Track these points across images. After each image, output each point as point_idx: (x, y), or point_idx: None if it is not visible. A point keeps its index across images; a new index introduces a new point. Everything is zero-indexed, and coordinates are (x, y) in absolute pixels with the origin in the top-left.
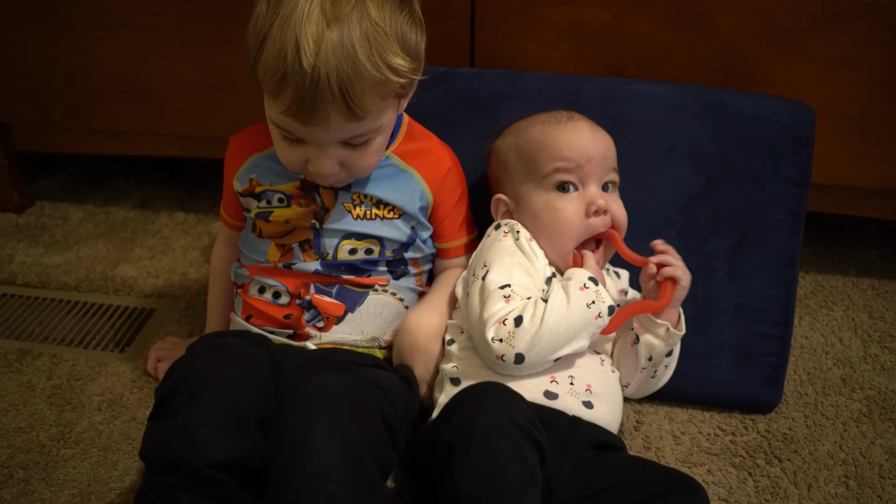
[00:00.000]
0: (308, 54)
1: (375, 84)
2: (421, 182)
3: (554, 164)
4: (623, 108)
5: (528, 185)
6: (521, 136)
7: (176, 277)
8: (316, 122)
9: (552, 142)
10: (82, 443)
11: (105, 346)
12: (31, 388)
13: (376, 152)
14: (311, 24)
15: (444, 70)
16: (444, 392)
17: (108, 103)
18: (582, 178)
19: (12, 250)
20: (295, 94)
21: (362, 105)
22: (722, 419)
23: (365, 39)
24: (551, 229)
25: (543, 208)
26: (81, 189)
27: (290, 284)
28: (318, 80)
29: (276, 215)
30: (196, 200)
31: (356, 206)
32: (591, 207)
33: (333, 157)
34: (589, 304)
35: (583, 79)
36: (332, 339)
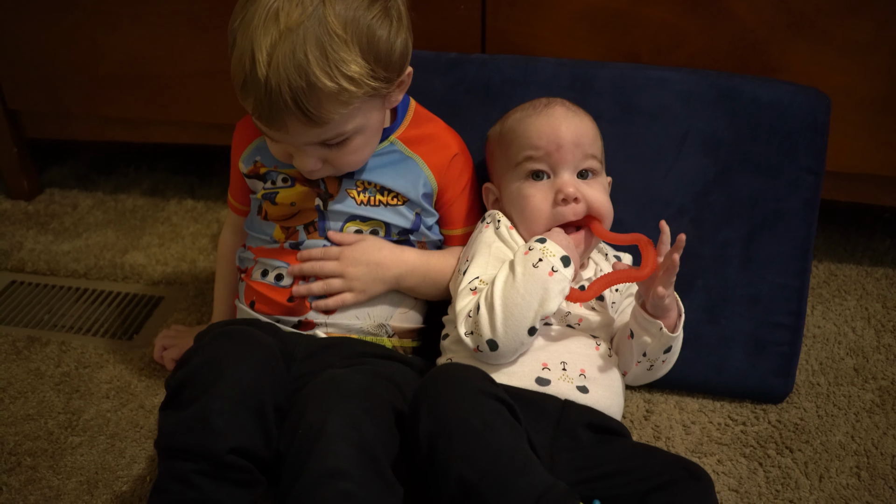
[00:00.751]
0: (261, 65)
1: (332, 94)
2: (425, 169)
3: (524, 152)
4: (637, 94)
5: (506, 174)
6: (504, 125)
7: (185, 265)
8: (277, 128)
9: (525, 130)
10: (90, 430)
11: (113, 334)
12: (40, 375)
13: (358, 150)
14: (266, 32)
15: (455, 56)
16: None
17: (119, 91)
18: (553, 165)
19: (21, 238)
20: (255, 102)
21: (321, 114)
22: (733, 409)
23: (319, 49)
24: (522, 216)
25: (516, 196)
26: (92, 176)
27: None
28: (271, 91)
29: (281, 196)
30: (206, 188)
31: (360, 193)
32: (559, 195)
33: (313, 156)
34: (535, 264)
35: (596, 65)
36: (338, 324)
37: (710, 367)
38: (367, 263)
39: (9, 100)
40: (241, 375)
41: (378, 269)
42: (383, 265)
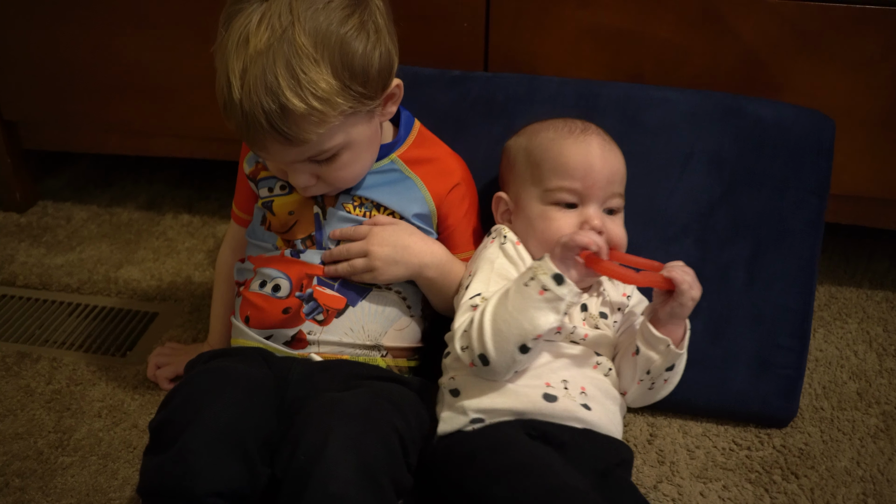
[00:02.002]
0: (235, 89)
1: (305, 115)
2: (423, 190)
3: (559, 181)
4: (641, 113)
5: (529, 191)
6: (532, 140)
7: (180, 280)
8: (258, 149)
9: (560, 155)
10: (81, 450)
11: (106, 351)
12: (30, 392)
13: (348, 166)
14: (238, 56)
15: (458, 73)
16: (446, 404)
17: (121, 102)
18: (583, 198)
19: (13, 250)
20: (235, 125)
21: (297, 134)
22: (737, 433)
23: (288, 71)
24: (541, 237)
25: (539, 217)
26: (89, 188)
27: (294, 276)
28: (247, 115)
29: (278, 204)
30: (204, 202)
31: (356, 208)
32: (585, 227)
33: (304, 172)
34: (526, 283)
35: (600, 84)
36: (331, 339)
37: (713, 389)
38: (394, 245)
39: (5, 110)
40: (220, 413)
41: (404, 253)
42: (411, 250)
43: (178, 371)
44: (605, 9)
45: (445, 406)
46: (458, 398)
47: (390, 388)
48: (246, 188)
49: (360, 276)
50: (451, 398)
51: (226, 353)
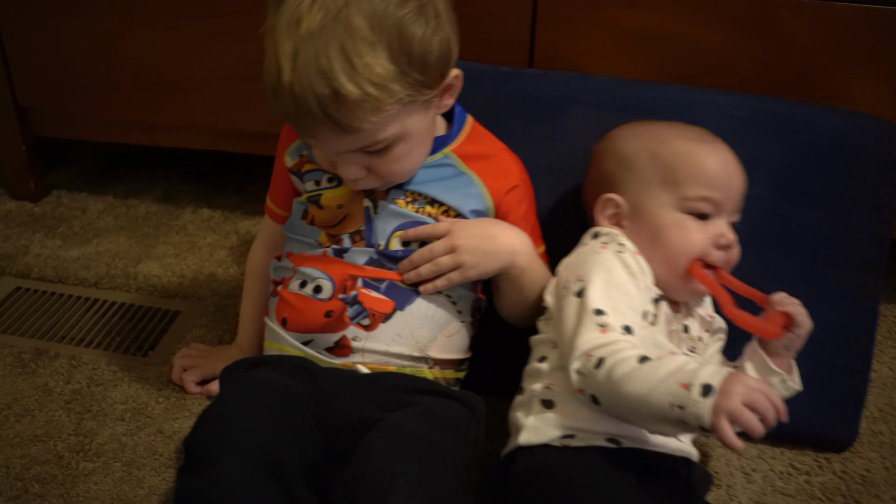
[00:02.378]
0: (285, 73)
1: (359, 102)
2: (481, 187)
3: (701, 190)
4: (695, 118)
5: (657, 197)
6: (659, 144)
7: (202, 278)
8: (307, 137)
9: (701, 163)
10: (104, 456)
11: (127, 349)
12: (48, 391)
13: (402, 159)
14: (289, 37)
15: (506, 70)
16: (534, 414)
17: (137, 92)
18: (718, 209)
19: (27, 241)
20: (284, 111)
21: (351, 123)
22: (794, 456)
23: (343, 54)
24: (672, 247)
25: (674, 225)
26: (101, 179)
27: (337, 276)
28: (297, 100)
29: (326, 198)
30: (221, 197)
31: (409, 203)
32: (721, 239)
33: (356, 163)
34: (672, 405)
35: (654, 86)
36: (377, 347)
37: None
38: (480, 235)
39: (20, 95)
40: (259, 434)
41: (493, 242)
42: (499, 239)
43: (204, 374)
44: (654, 10)
45: (533, 414)
46: (550, 409)
47: (444, 406)
48: (285, 183)
49: (447, 278)
50: (541, 407)
51: (265, 362)
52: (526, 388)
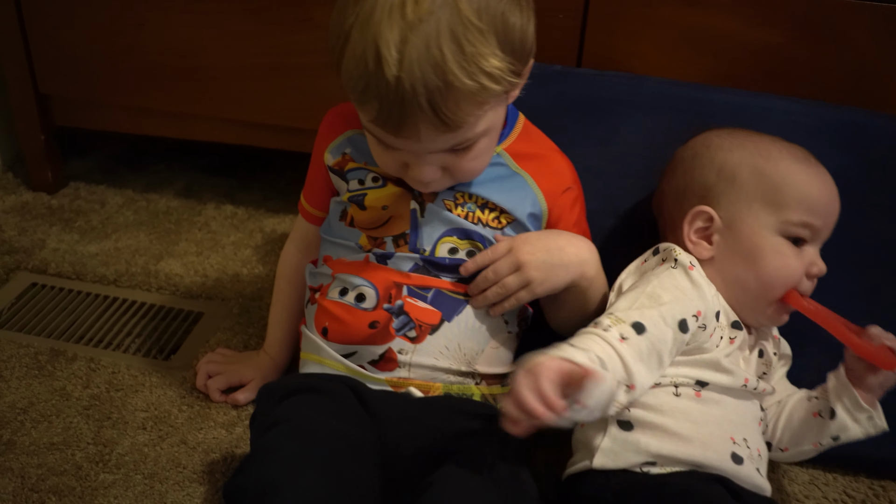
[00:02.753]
0: (390, 64)
1: (470, 94)
2: (535, 188)
3: (805, 216)
4: (756, 124)
5: (758, 216)
6: (766, 160)
7: (226, 278)
8: (406, 135)
9: (809, 187)
10: (124, 467)
11: (148, 352)
12: (66, 396)
13: (482, 155)
14: (393, 25)
15: (559, 69)
16: (610, 435)
17: (163, 80)
18: (815, 237)
19: (44, 234)
20: (381, 106)
21: (456, 117)
22: (847, 483)
23: (455, 43)
24: (769, 273)
25: (770, 250)
26: (121, 171)
27: (381, 284)
28: (404, 93)
29: (371, 198)
30: (246, 193)
31: (457, 206)
32: (813, 269)
33: (434, 163)
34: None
35: (713, 89)
36: (424, 361)
37: None
38: (545, 248)
39: (40, 83)
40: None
41: (562, 254)
42: (566, 250)
43: (230, 382)
44: (711, 10)
45: (608, 437)
46: (629, 432)
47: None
48: (322, 182)
49: (516, 297)
50: (618, 430)
51: (309, 388)
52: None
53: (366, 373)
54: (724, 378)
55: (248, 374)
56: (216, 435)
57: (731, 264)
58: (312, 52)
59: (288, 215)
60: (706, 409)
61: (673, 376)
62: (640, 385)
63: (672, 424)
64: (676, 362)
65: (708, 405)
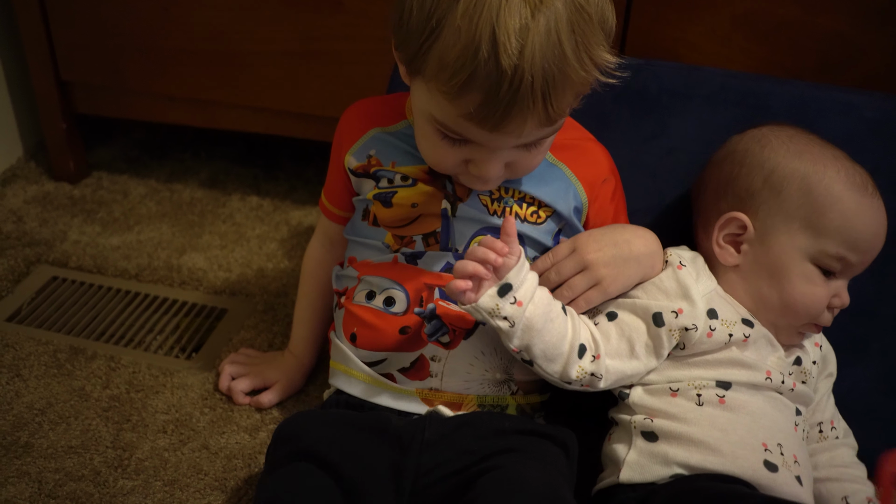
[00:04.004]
0: (509, 53)
1: (579, 84)
2: (574, 180)
3: (843, 250)
4: (818, 119)
5: (794, 237)
6: (819, 178)
7: (251, 273)
8: (507, 130)
9: (853, 219)
10: (144, 473)
11: (169, 350)
12: (85, 396)
13: (545, 150)
14: (513, 11)
15: None
16: (635, 447)
17: (188, 67)
18: (847, 272)
19: (66, 226)
20: (485, 99)
21: (561, 109)
22: None
23: (571, 31)
24: (793, 297)
25: (800, 275)
26: (144, 160)
27: (411, 286)
28: (520, 85)
29: (400, 196)
30: (272, 183)
31: (493, 202)
32: (836, 301)
33: (503, 160)
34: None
35: (771, 80)
36: (458, 368)
37: (881, 445)
38: (613, 243)
39: (62, 69)
40: None
41: (630, 247)
42: (633, 243)
43: (254, 384)
44: None
45: (634, 449)
46: (655, 443)
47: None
48: (343, 184)
49: (586, 298)
50: (644, 442)
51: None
52: (629, 419)
53: (396, 385)
54: (744, 374)
55: (272, 376)
56: (239, 440)
57: (755, 277)
58: (343, 38)
59: (315, 207)
60: (733, 416)
61: (690, 379)
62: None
63: (697, 433)
64: (691, 364)
65: (735, 412)
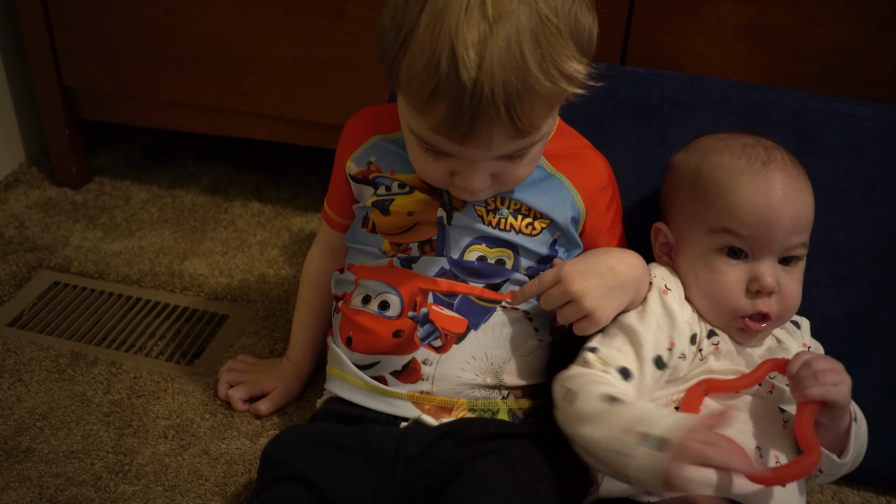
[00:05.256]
0: (468, 67)
1: (547, 97)
2: (572, 190)
3: (725, 222)
4: (820, 129)
5: (692, 230)
6: (704, 164)
7: (252, 279)
8: (475, 142)
9: (732, 192)
10: (145, 478)
11: (170, 356)
12: (86, 402)
13: (534, 160)
14: (471, 25)
15: (605, 67)
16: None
17: (191, 73)
18: (754, 248)
19: (67, 231)
20: (450, 112)
21: (530, 121)
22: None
23: (535, 43)
24: (706, 291)
25: (702, 264)
26: (146, 166)
27: (405, 291)
28: (481, 98)
29: (397, 204)
30: (274, 189)
31: (489, 213)
32: (753, 285)
33: (487, 171)
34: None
35: (773, 91)
36: (449, 373)
37: (881, 455)
38: (598, 272)
39: (65, 75)
40: None
41: (615, 275)
42: (618, 270)
43: (252, 391)
44: (770, 4)
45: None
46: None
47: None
48: (345, 191)
49: (577, 328)
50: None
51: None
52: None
53: (387, 389)
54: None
55: (269, 384)
56: (239, 445)
57: (685, 281)
58: (347, 46)
59: (316, 213)
60: None
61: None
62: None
63: None
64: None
65: None
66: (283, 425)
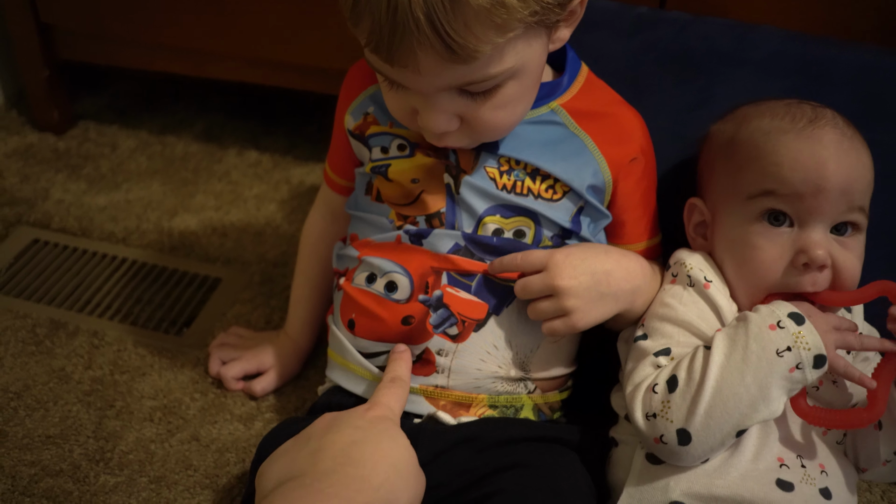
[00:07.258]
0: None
1: (484, 13)
2: (597, 154)
3: (765, 183)
4: (887, 90)
5: (729, 203)
6: (742, 129)
7: (247, 238)
8: (402, 63)
9: (774, 151)
10: (128, 468)
11: (158, 325)
12: (65, 378)
13: (510, 104)
14: None
15: (644, 11)
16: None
17: (180, 13)
18: (801, 213)
19: (48, 183)
20: (372, 26)
21: (466, 41)
22: None
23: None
24: (741, 270)
25: (739, 241)
26: (135, 111)
27: (415, 270)
28: (397, 9)
29: (395, 170)
30: (270, 137)
31: (503, 175)
32: (801, 258)
33: (446, 109)
34: (780, 352)
35: (836, 44)
36: (467, 365)
37: None
38: (590, 272)
39: (42, 11)
40: None
41: (608, 281)
42: (614, 276)
43: (246, 369)
44: None
45: (636, 474)
46: (657, 466)
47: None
48: (345, 148)
49: (550, 327)
50: (645, 464)
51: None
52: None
53: None
54: None
55: (266, 361)
56: (232, 430)
57: (721, 263)
58: None
59: (317, 164)
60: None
61: None
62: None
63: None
64: None
65: None
66: (281, 408)
